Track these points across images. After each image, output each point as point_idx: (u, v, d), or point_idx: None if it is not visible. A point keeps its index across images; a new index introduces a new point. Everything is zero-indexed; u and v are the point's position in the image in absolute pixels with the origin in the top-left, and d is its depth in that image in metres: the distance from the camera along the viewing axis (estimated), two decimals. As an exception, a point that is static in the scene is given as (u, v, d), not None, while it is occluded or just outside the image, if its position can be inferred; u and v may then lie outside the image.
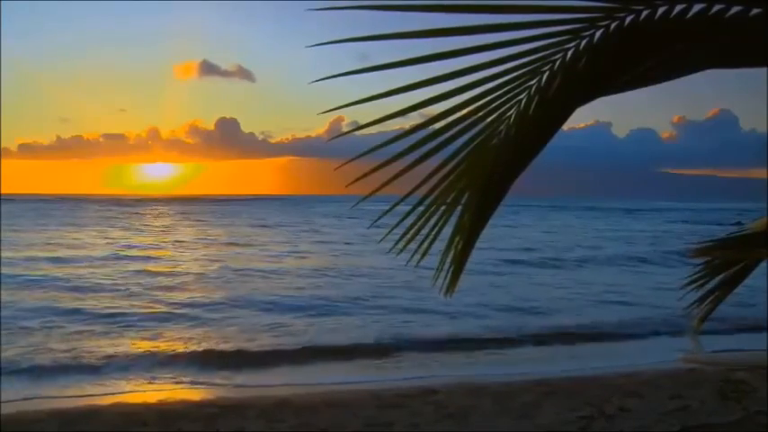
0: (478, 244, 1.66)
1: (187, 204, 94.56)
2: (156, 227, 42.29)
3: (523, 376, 8.12)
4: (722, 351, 9.78)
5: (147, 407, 6.90)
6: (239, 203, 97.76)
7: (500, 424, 6.11)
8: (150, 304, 13.40)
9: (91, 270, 18.58)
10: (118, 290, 15.12)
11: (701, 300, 3.07)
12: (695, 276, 3.02)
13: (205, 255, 24.11)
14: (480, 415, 6.37)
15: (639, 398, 6.80)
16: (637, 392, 7.01)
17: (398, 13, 1.34)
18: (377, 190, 1.55)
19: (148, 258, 22.20)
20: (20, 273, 17.11)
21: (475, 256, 1.70)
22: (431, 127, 1.52)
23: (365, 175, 1.52)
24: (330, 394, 7.32)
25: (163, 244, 28.88)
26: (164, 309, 12.93)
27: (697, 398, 6.71)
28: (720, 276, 2.99)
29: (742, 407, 6.25)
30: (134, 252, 24.02)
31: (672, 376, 7.79)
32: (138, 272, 18.54)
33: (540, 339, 10.68)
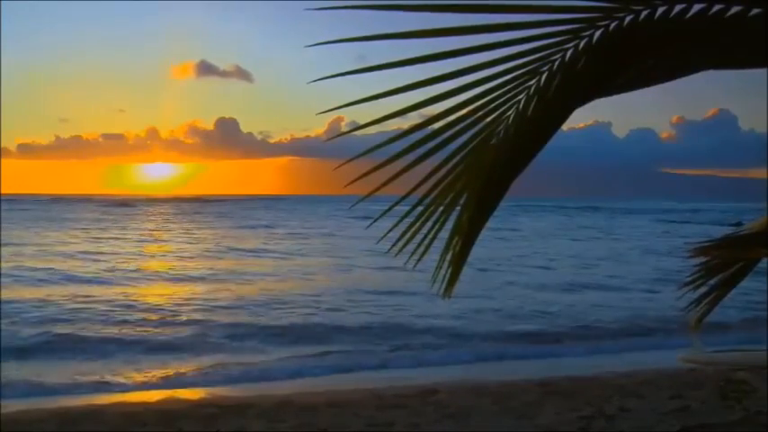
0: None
1: (187, 205, 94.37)
2: (154, 229, 41.86)
3: (524, 376, 8.12)
4: (722, 351, 9.77)
5: (147, 407, 6.89)
6: (241, 204, 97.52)
7: (500, 424, 6.11)
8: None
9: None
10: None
11: (699, 300, 3.06)
12: (693, 276, 3.01)
13: (194, 264, 21.62)
14: (480, 415, 6.37)
15: (639, 398, 6.80)
16: (637, 392, 7.00)
17: (397, 13, 1.34)
18: (375, 190, 1.54)
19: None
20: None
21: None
22: (430, 127, 1.51)
23: (363, 176, 1.52)
24: (331, 394, 7.31)
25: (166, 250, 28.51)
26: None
27: (697, 398, 6.70)
28: (718, 276, 2.97)
29: (742, 407, 6.24)
30: (119, 263, 21.30)
31: (672, 376, 7.78)
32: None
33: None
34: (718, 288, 3.01)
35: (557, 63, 1.45)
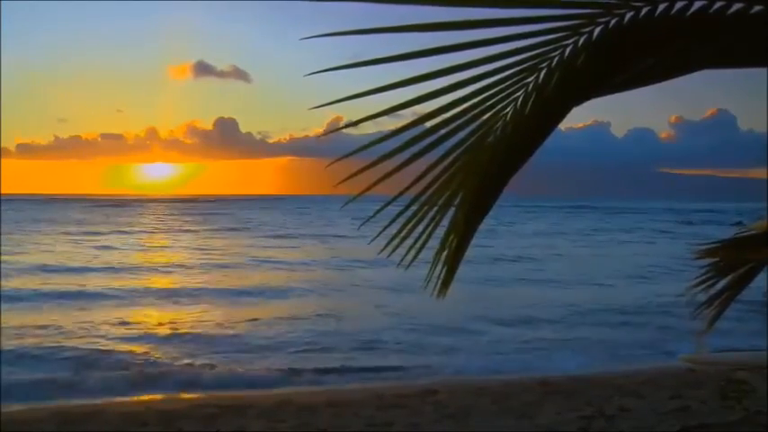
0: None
1: (187, 205, 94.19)
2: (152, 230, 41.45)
3: (524, 376, 8.12)
4: (722, 351, 9.75)
5: (147, 407, 6.88)
6: (241, 204, 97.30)
7: (500, 424, 6.10)
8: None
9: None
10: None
11: (709, 302, 3.00)
12: (702, 278, 2.96)
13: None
14: (480, 415, 6.36)
15: (639, 398, 6.79)
16: (637, 392, 6.99)
17: (393, 12, 1.33)
18: (366, 190, 1.52)
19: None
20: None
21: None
22: (426, 124, 1.50)
23: (353, 175, 1.50)
24: (330, 394, 7.32)
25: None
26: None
27: (697, 398, 6.69)
28: (728, 278, 2.92)
29: (742, 407, 6.23)
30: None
31: (672, 376, 7.78)
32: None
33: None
34: (727, 290, 2.95)
35: (555, 60, 1.44)
